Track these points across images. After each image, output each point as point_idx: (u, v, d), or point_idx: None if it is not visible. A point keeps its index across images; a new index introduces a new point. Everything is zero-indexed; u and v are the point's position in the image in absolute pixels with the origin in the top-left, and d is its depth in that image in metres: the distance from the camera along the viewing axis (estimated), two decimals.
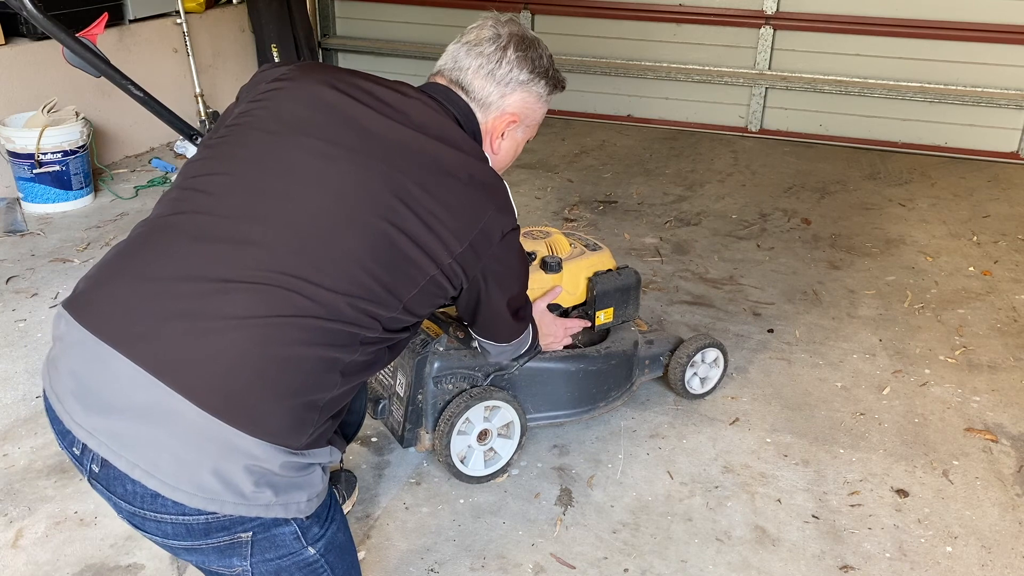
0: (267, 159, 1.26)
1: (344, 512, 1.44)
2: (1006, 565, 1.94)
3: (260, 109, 1.33)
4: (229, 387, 1.11)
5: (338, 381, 1.20)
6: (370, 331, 1.23)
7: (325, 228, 1.21)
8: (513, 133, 1.56)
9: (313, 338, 1.16)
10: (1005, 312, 3.09)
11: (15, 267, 3.31)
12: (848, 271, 3.41)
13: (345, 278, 1.19)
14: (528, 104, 1.54)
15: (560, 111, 5.64)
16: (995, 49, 4.65)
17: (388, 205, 1.24)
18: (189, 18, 4.72)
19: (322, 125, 1.29)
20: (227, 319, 1.12)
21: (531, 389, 2.20)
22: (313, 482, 1.21)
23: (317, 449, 1.20)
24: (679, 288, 3.25)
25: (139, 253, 1.21)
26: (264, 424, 1.12)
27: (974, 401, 2.55)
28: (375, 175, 1.25)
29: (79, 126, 3.83)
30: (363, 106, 1.32)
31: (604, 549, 1.96)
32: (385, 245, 1.23)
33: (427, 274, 1.27)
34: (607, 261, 2.31)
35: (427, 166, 1.29)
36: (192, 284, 1.14)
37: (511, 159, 1.61)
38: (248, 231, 1.18)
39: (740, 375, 2.66)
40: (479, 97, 1.49)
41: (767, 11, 4.96)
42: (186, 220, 1.21)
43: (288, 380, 1.14)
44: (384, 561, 1.90)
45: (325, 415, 1.20)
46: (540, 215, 3.97)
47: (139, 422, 1.11)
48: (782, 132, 5.21)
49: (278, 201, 1.21)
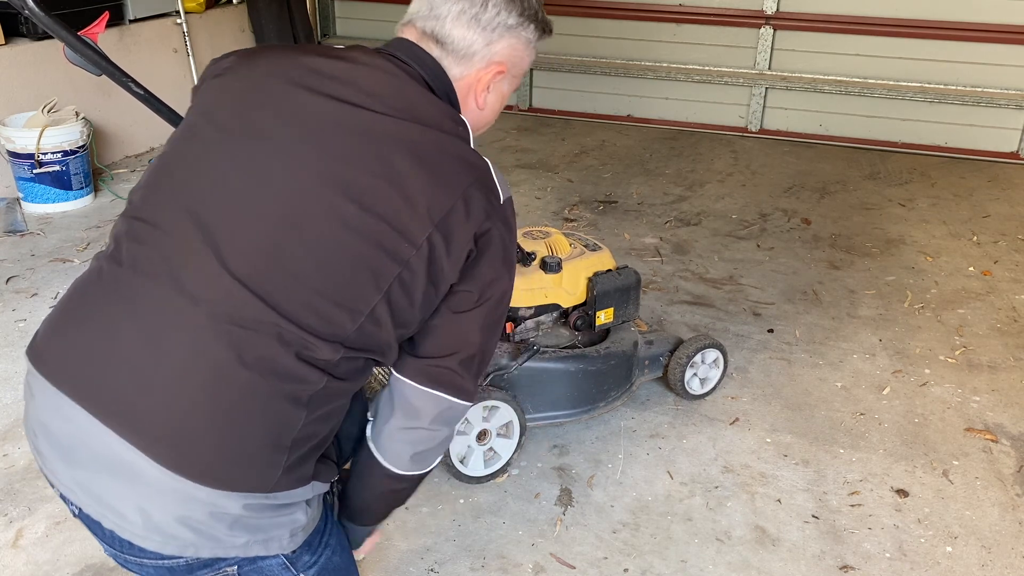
0: (205, 176, 1.16)
1: (341, 533, 1.36)
2: (1006, 565, 1.94)
3: (197, 116, 1.23)
4: (182, 439, 1.06)
5: (303, 415, 1.11)
6: (331, 355, 1.11)
7: (269, 248, 1.10)
8: (499, 85, 1.36)
9: (264, 376, 1.08)
10: (1005, 312, 3.09)
11: (15, 267, 3.31)
12: (848, 271, 3.41)
13: (294, 301, 1.09)
14: (516, 51, 1.34)
15: (560, 111, 5.65)
16: (995, 49, 4.65)
17: (333, 207, 1.11)
18: (189, 18, 4.72)
19: (260, 125, 1.17)
20: (175, 368, 1.07)
21: (531, 389, 2.20)
22: (295, 519, 1.16)
23: (293, 490, 1.14)
24: (679, 288, 3.24)
25: (91, 297, 1.14)
26: (222, 475, 1.07)
27: (974, 401, 2.55)
28: (313, 175, 1.13)
29: (79, 126, 3.83)
30: (307, 91, 1.18)
31: (604, 549, 1.96)
32: (336, 254, 1.11)
33: (390, 276, 1.13)
34: (607, 261, 2.31)
35: (381, 148, 1.15)
36: (140, 332, 1.09)
37: (496, 113, 1.42)
38: (190, 266, 1.10)
39: (740, 375, 2.66)
40: (459, 47, 1.29)
41: (767, 11, 4.96)
42: (132, 259, 1.13)
43: (243, 426, 1.08)
44: (384, 561, 1.90)
45: (297, 451, 1.13)
46: (540, 215, 3.97)
47: (102, 473, 1.08)
48: (782, 132, 5.21)
49: (217, 224, 1.11)
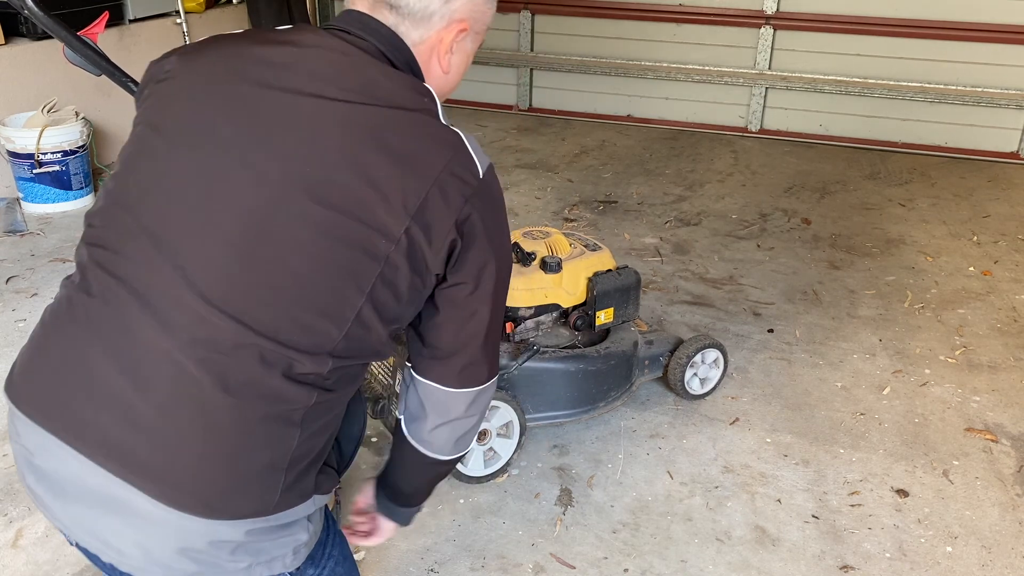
0: (160, 194, 1.09)
1: (344, 542, 1.34)
2: (1006, 565, 1.94)
3: (144, 127, 1.15)
4: (174, 473, 1.03)
5: (297, 434, 1.07)
6: (318, 368, 1.07)
7: (238, 264, 1.04)
8: (463, 44, 1.26)
9: (251, 401, 1.04)
10: (1005, 312, 3.09)
11: (15, 267, 3.31)
12: (848, 271, 3.41)
13: (273, 317, 1.04)
14: (477, 5, 1.24)
15: (560, 111, 5.65)
16: (995, 49, 4.65)
17: (299, 211, 1.04)
18: (189, 18, 4.72)
19: (210, 131, 1.09)
20: (159, 400, 1.03)
21: (530, 389, 2.20)
22: (297, 537, 1.14)
23: (294, 507, 1.11)
24: (679, 288, 3.24)
25: (65, 331, 1.10)
26: (219, 505, 1.04)
27: (974, 401, 2.55)
28: (274, 179, 1.05)
29: (79, 126, 3.83)
30: (256, 86, 1.10)
31: (604, 549, 1.96)
32: (309, 261, 1.05)
33: (371, 276, 1.07)
34: (607, 261, 2.31)
35: (341, 138, 1.07)
36: (119, 365, 1.04)
37: (461, 75, 1.32)
38: (158, 293, 1.05)
39: (740, 375, 2.66)
40: (416, 10, 1.18)
41: (767, 11, 4.96)
42: (101, 289, 1.08)
43: (236, 453, 1.04)
44: (384, 561, 1.90)
45: (295, 470, 1.09)
46: (540, 215, 3.97)
47: (96, 509, 1.05)
48: (782, 132, 5.21)
49: (181, 245, 1.06)
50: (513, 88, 5.73)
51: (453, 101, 5.89)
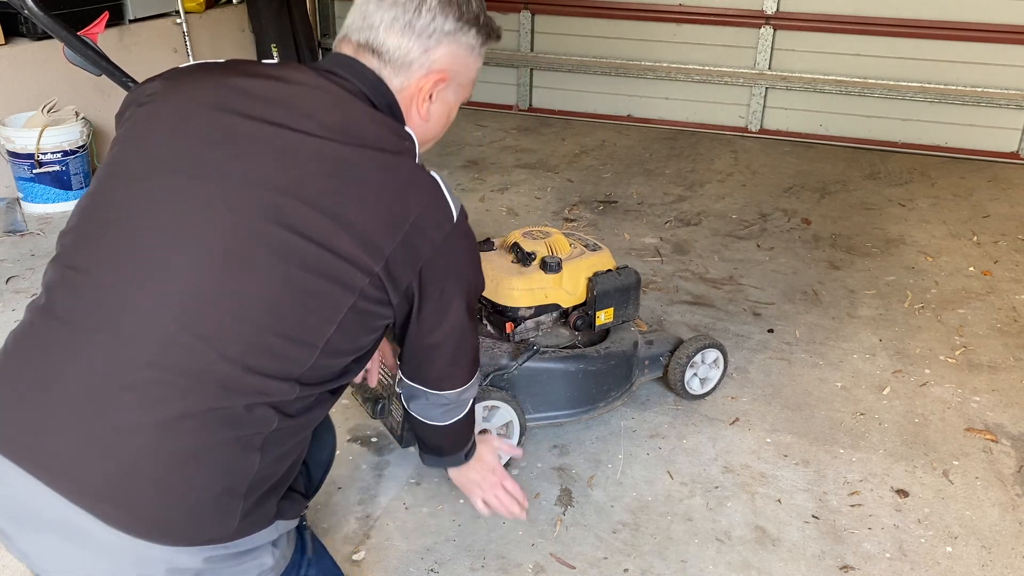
0: (135, 217, 1.09)
1: (323, 559, 1.34)
2: (1006, 565, 1.94)
3: (123, 149, 1.16)
4: (128, 499, 1.02)
5: (257, 459, 1.07)
6: (284, 394, 1.08)
7: (205, 291, 1.04)
8: (443, 94, 1.29)
9: (212, 425, 1.03)
10: (1005, 312, 3.09)
11: (15, 267, 3.31)
12: (848, 271, 3.41)
13: (242, 343, 1.04)
14: (458, 58, 1.27)
15: (560, 111, 5.65)
16: (995, 49, 4.65)
17: (272, 238, 1.05)
18: (189, 18, 4.72)
19: (189, 156, 1.10)
20: (117, 424, 1.02)
21: (530, 389, 2.20)
22: (261, 563, 1.13)
23: (255, 534, 1.11)
24: (679, 288, 3.24)
25: (27, 355, 1.08)
26: (174, 531, 1.04)
27: (974, 401, 2.55)
28: (248, 206, 1.06)
29: (79, 126, 3.83)
30: (239, 116, 1.11)
31: (604, 549, 1.96)
32: (282, 289, 1.06)
33: (343, 307, 1.09)
34: (607, 261, 2.31)
35: (321, 174, 1.09)
36: (79, 389, 1.03)
37: (444, 125, 1.35)
38: (126, 317, 1.04)
39: (740, 375, 2.66)
40: (396, 57, 1.22)
41: (767, 11, 4.96)
42: (66, 311, 1.08)
43: (190, 480, 1.04)
44: (384, 561, 1.90)
45: (255, 495, 1.09)
46: (540, 215, 3.97)
47: (52, 537, 1.04)
48: (782, 132, 5.21)
49: (153, 269, 1.06)
50: (513, 88, 5.73)
51: None
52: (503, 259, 2.24)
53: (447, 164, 4.63)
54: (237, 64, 1.21)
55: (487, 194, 4.22)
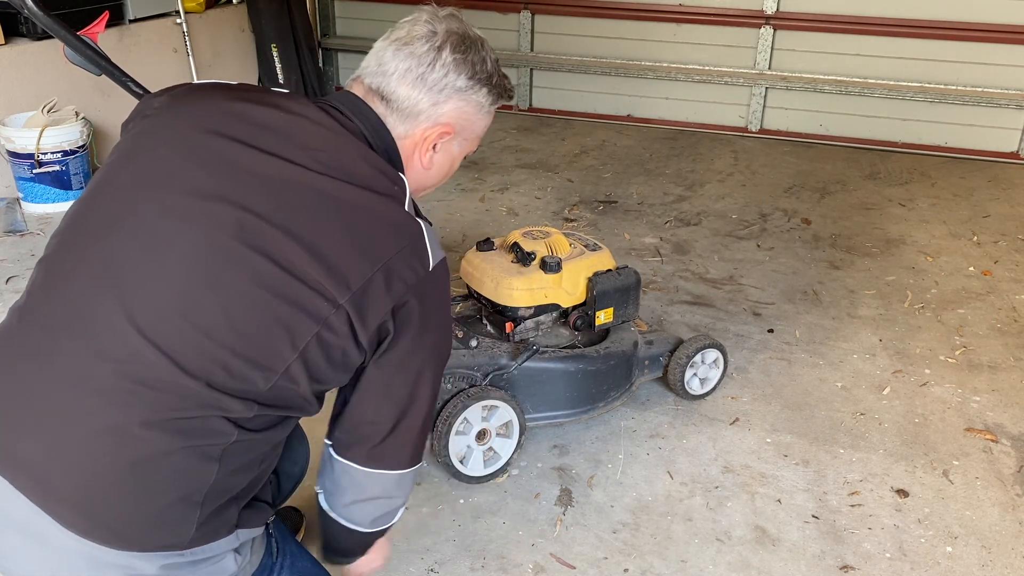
0: (120, 229, 1.11)
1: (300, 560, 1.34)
2: (1006, 565, 1.94)
3: (118, 159, 1.19)
4: (86, 503, 1.04)
5: (215, 469, 1.09)
6: (243, 411, 1.09)
7: (179, 305, 1.07)
8: (448, 146, 1.33)
9: (170, 434, 1.05)
10: (1005, 312, 3.09)
11: (15, 267, 3.31)
12: (848, 271, 3.41)
13: (198, 358, 1.06)
14: (465, 115, 1.30)
15: (560, 111, 5.65)
16: (995, 49, 4.65)
17: (246, 261, 1.07)
18: (189, 18, 4.72)
19: (178, 175, 1.12)
20: (80, 428, 1.04)
21: (530, 389, 2.20)
22: (223, 567, 1.15)
23: (214, 542, 1.12)
24: (679, 288, 3.24)
25: (3, 358, 1.12)
26: (129, 536, 1.06)
27: (974, 401, 2.55)
28: (229, 227, 1.08)
29: (79, 126, 3.83)
30: (235, 143, 1.13)
31: (604, 549, 1.96)
32: (247, 311, 1.07)
33: (306, 335, 1.09)
34: (607, 261, 2.31)
35: (304, 205, 1.10)
36: (48, 391, 1.06)
37: (445, 175, 1.38)
38: (98, 324, 1.07)
39: (740, 375, 2.66)
40: (404, 106, 1.25)
41: (767, 11, 4.97)
42: (44, 315, 1.11)
43: (147, 485, 1.06)
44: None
45: (212, 505, 1.10)
46: (540, 215, 3.97)
47: (17, 536, 1.07)
48: (782, 132, 5.21)
49: (129, 280, 1.08)
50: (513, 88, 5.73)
51: None
52: (503, 259, 2.24)
53: None
54: (244, 89, 1.23)
55: (487, 194, 4.22)
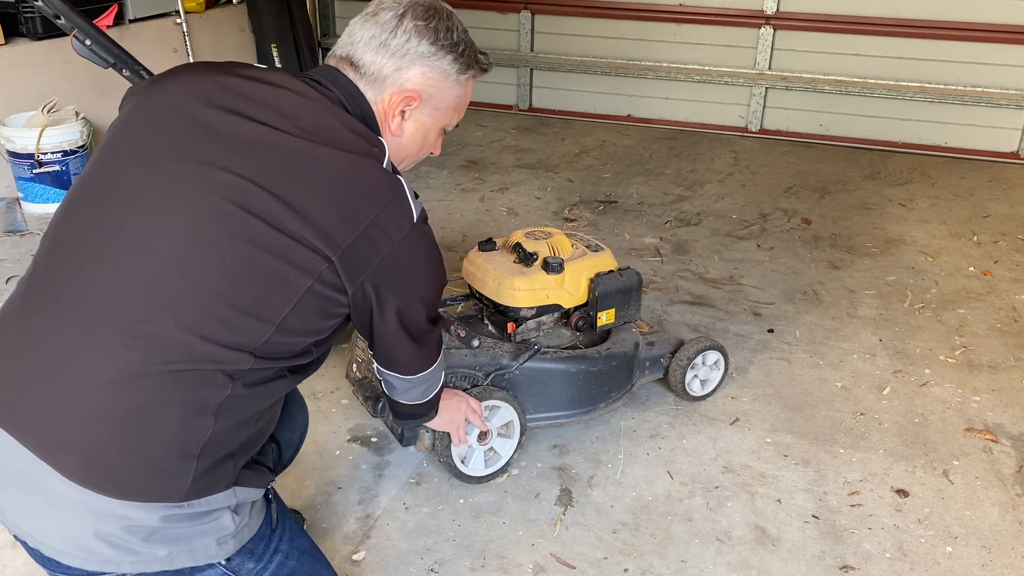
0: (118, 195, 1.17)
1: (299, 537, 1.37)
2: (1006, 565, 1.94)
3: (113, 134, 1.25)
4: (87, 452, 1.08)
5: (211, 424, 1.13)
6: (238, 364, 1.14)
7: (168, 261, 1.12)
8: (417, 115, 1.37)
9: (167, 386, 1.10)
10: (1005, 312, 3.09)
11: (15, 267, 3.31)
12: (848, 271, 3.41)
13: (195, 311, 1.11)
14: (431, 81, 1.34)
15: (560, 111, 5.65)
16: (995, 49, 4.65)
17: (237, 220, 1.13)
18: (189, 18, 4.72)
19: (169, 143, 1.19)
20: (80, 381, 1.09)
21: (531, 389, 2.20)
22: (221, 525, 1.17)
23: (210, 496, 1.16)
24: (679, 288, 3.25)
25: (9, 320, 1.17)
26: (128, 486, 1.09)
27: (974, 401, 2.55)
28: (221, 190, 1.14)
29: (79, 126, 3.83)
30: (218, 110, 1.20)
31: (604, 549, 1.96)
32: (242, 266, 1.13)
33: (300, 288, 1.15)
34: (609, 262, 2.31)
35: (290, 168, 1.17)
36: (51, 347, 1.11)
37: (419, 145, 1.43)
38: (99, 281, 1.12)
39: (740, 375, 2.66)
40: (370, 72, 1.32)
41: (767, 11, 4.97)
42: (47, 276, 1.16)
43: (144, 436, 1.10)
44: (384, 561, 1.91)
45: (209, 459, 1.14)
46: (540, 215, 3.97)
47: (22, 491, 1.11)
48: (782, 132, 5.21)
49: (123, 243, 1.14)
50: (513, 88, 5.73)
51: None
52: (505, 259, 2.24)
53: (447, 164, 4.64)
54: (231, 65, 1.30)
55: (487, 194, 4.22)
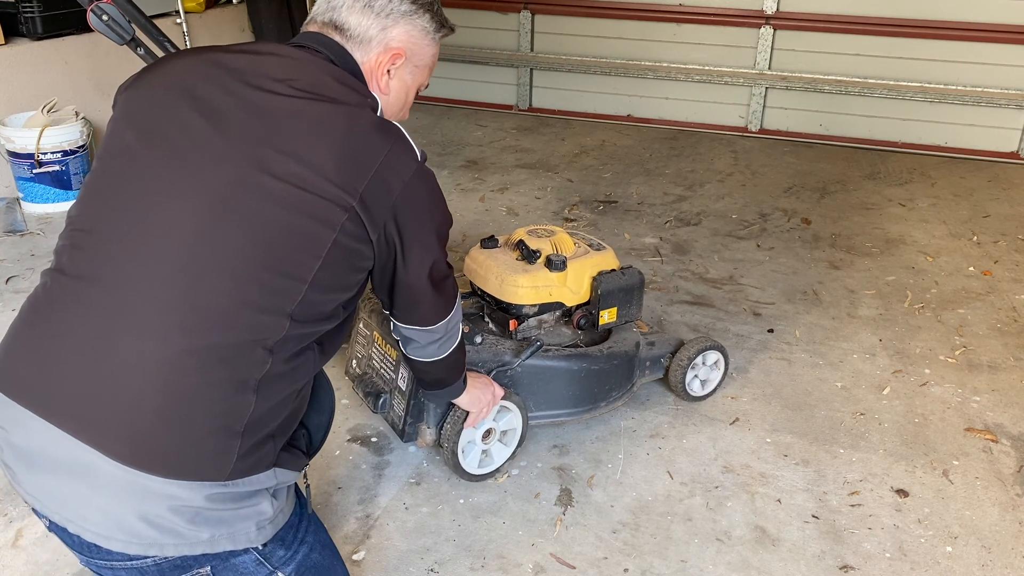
0: (135, 180, 1.19)
1: (322, 532, 1.38)
2: (1006, 565, 1.94)
3: (115, 127, 1.27)
4: (132, 432, 1.09)
5: (252, 400, 1.15)
6: (275, 332, 1.16)
7: (198, 233, 1.14)
8: (400, 72, 1.43)
9: (208, 364, 1.11)
10: (1005, 312, 3.09)
11: (15, 267, 3.31)
12: (848, 271, 3.41)
13: (228, 279, 1.13)
14: (414, 39, 1.42)
15: (560, 111, 5.65)
16: (995, 49, 4.66)
17: (256, 185, 1.16)
18: (189, 18, 4.72)
19: (174, 123, 1.22)
20: (121, 361, 1.10)
21: (533, 387, 2.20)
22: (261, 509, 1.18)
23: (253, 476, 1.17)
24: (679, 288, 3.25)
25: (40, 310, 1.18)
26: (174, 464, 1.10)
27: (974, 401, 2.55)
28: (233, 159, 1.17)
29: (79, 126, 3.83)
30: (214, 84, 1.24)
31: (604, 549, 1.96)
32: (267, 228, 1.16)
33: (326, 242, 1.19)
34: (611, 261, 2.31)
35: (294, 127, 1.20)
36: (86, 333, 1.12)
37: (402, 103, 1.49)
38: (129, 263, 1.14)
39: (740, 375, 2.66)
40: (357, 34, 1.37)
41: (767, 11, 4.97)
42: (75, 265, 1.18)
43: (189, 413, 1.11)
44: (384, 561, 1.90)
45: (252, 438, 1.16)
46: (540, 215, 3.97)
47: (63, 478, 1.11)
48: (782, 132, 5.21)
49: (152, 219, 1.16)
50: (513, 88, 5.73)
51: (453, 101, 5.89)
52: (508, 256, 2.24)
53: (447, 164, 4.64)
54: (215, 47, 1.36)
55: (487, 194, 4.22)
